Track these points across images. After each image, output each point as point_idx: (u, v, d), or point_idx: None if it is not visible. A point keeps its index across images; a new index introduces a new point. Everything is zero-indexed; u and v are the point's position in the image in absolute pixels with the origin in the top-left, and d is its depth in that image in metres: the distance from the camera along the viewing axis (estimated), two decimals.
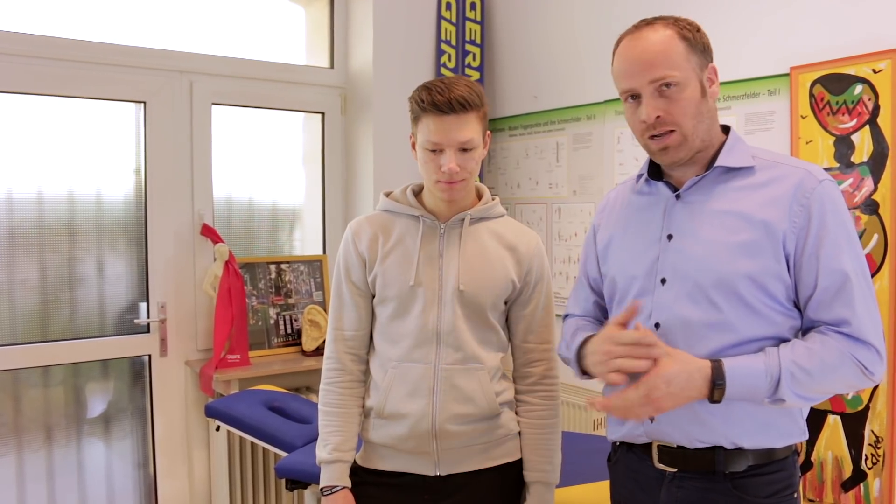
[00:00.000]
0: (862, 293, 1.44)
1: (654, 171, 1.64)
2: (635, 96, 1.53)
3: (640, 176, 1.68)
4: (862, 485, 2.43)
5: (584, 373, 1.64)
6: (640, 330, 1.45)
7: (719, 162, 1.53)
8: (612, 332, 1.49)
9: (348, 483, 1.82)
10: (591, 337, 1.61)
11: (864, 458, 2.43)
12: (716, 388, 1.42)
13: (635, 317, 1.51)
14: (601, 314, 1.77)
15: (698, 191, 1.55)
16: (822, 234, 1.44)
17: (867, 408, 2.41)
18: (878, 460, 2.40)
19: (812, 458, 2.54)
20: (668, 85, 1.48)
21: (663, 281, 1.55)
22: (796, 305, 1.49)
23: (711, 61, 1.56)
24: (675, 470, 1.54)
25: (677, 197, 1.57)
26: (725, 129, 1.60)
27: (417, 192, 1.88)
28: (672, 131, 1.50)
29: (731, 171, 1.53)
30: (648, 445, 1.59)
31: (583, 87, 3.41)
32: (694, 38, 1.52)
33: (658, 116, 1.49)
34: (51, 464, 3.22)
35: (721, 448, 1.49)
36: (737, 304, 1.47)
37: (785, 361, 1.41)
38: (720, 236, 1.49)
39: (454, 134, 1.69)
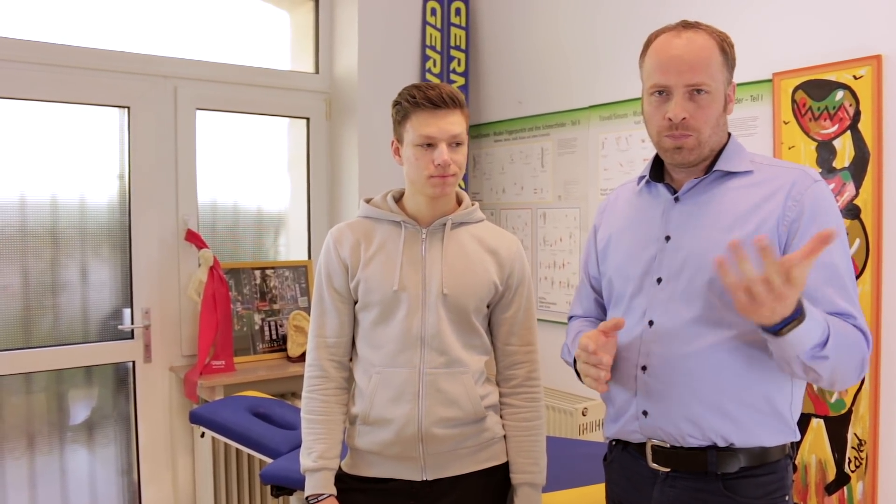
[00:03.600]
0: (853, 289, 1.48)
1: (656, 174, 1.66)
2: (662, 92, 1.54)
3: (641, 178, 1.71)
4: (845, 488, 2.45)
5: None
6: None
7: (718, 166, 1.56)
8: (584, 342, 1.51)
9: (334, 491, 1.81)
10: None
11: (847, 461, 2.45)
12: (796, 318, 1.33)
13: (616, 331, 1.54)
14: (602, 313, 1.79)
15: (697, 192, 1.58)
16: (814, 230, 1.46)
17: (850, 411, 2.43)
18: (861, 463, 2.41)
19: (796, 462, 2.56)
20: (700, 91, 1.51)
21: (659, 280, 1.57)
22: None
23: (733, 79, 1.58)
24: (669, 470, 1.56)
25: (676, 199, 1.60)
26: (727, 136, 1.63)
27: (398, 198, 1.89)
28: (690, 135, 1.52)
29: (729, 174, 1.57)
30: (643, 445, 1.60)
31: (567, 92, 3.43)
32: (730, 54, 1.56)
33: (684, 119, 1.51)
34: (33, 471, 3.19)
35: (714, 448, 1.51)
36: (731, 301, 1.48)
37: (830, 321, 1.38)
38: (716, 235, 1.52)
39: (447, 126, 1.73)
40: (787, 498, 1.55)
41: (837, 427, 2.46)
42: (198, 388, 3.25)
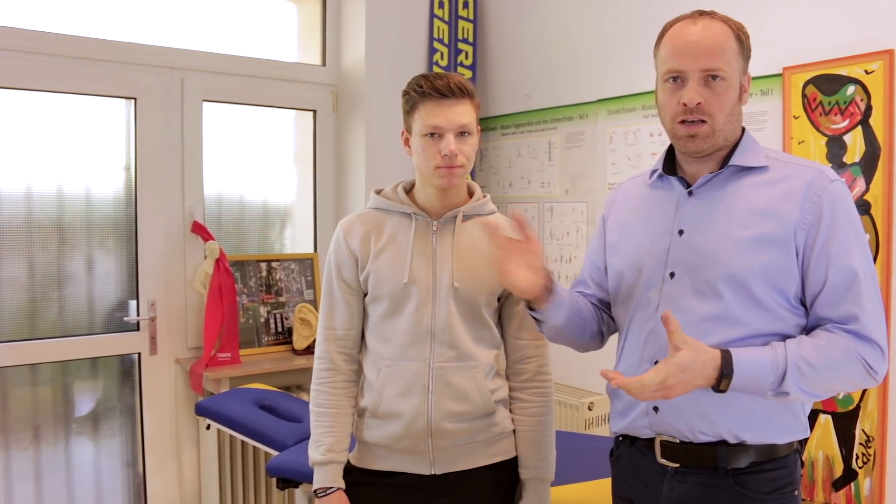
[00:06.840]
0: (869, 292, 1.45)
1: (668, 167, 1.65)
2: (677, 79, 1.53)
3: (653, 171, 1.69)
4: (853, 484, 2.44)
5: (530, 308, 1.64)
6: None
7: (733, 161, 1.55)
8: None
9: (342, 484, 1.81)
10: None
11: (854, 457, 2.44)
12: (723, 378, 1.42)
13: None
14: (596, 301, 1.78)
15: (711, 187, 1.57)
16: (833, 232, 1.46)
17: (858, 407, 2.42)
18: (868, 459, 2.41)
19: (803, 458, 2.55)
20: (715, 77, 1.50)
21: (672, 275, 1.56)
22: (802, 303, 1.50)
23: (748, 69, 1.57)
24: (678, 465, 1.55)
25: (690, 193, 1.59)
26: (741, 130, 1.61)
27: (408, 190, 1.87)
28: (704, 122, 1.51)
29: (744, 169, 1.55)
30: (651, 440, 1.59)
31: (575, 86, 3.41)
32: (745, 43, 1.55)
33: (699, 103, 1.49)
34: (38, 463, 3.20)
35: (724, 444, 1.51)
36: (745, 299, 1.48)
37: (792, 355, 1.42)
38: (731, 231, 1.51)
39: (454, 116, 1.72)
40: (795, 493, 1.55)
41: (845, 423, 2.45)
42: (203, 381, 3.25)
